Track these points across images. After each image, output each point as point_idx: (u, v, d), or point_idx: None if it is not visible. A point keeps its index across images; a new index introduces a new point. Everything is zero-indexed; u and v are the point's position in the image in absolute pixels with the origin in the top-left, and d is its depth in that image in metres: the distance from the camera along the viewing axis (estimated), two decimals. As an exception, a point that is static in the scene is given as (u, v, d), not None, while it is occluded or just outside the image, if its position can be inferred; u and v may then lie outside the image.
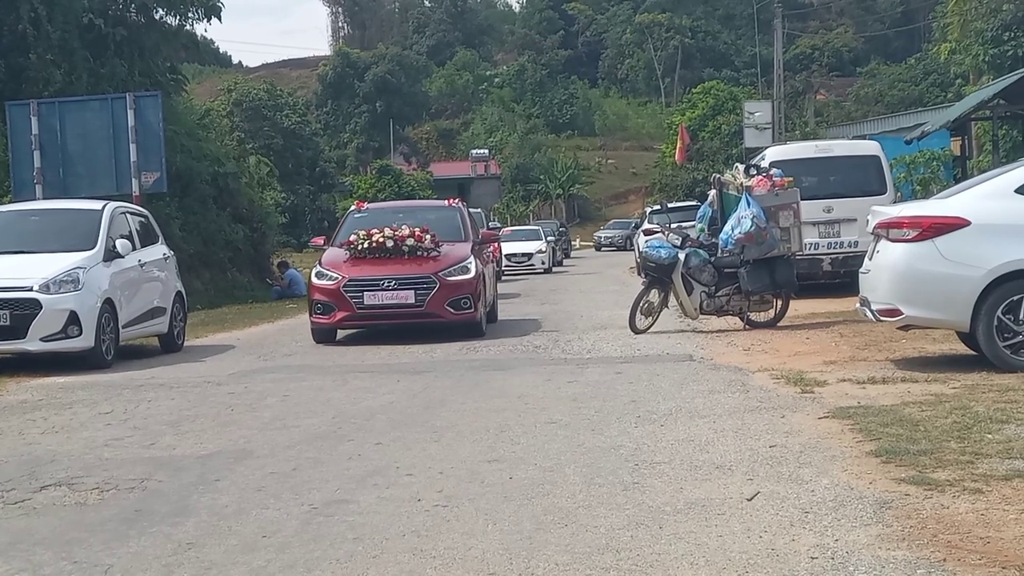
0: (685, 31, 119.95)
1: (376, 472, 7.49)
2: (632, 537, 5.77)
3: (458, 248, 16.48)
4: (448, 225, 17.23)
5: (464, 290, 15.82)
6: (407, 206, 22.19)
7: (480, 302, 16.09)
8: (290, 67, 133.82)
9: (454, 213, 17.94)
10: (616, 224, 74.60)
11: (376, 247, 16.00)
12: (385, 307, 15.66)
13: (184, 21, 33.80)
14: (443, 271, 15.80)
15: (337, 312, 15.74)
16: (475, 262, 16.17)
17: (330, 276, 15.90)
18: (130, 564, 5.73)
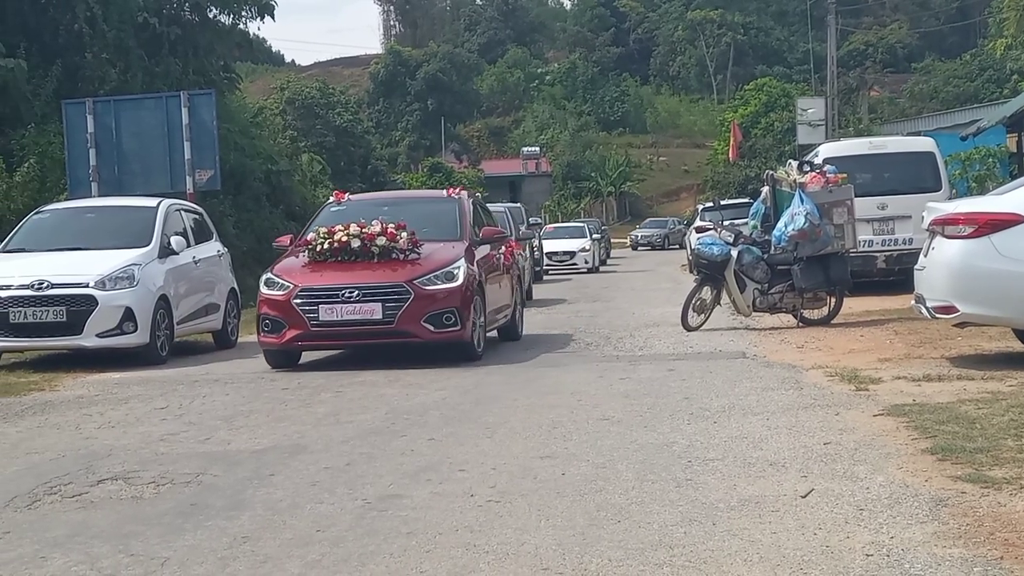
0: (737, 28, 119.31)
1: (429, 467, 7.52)
2: (685, 533, 5.76)
3: (446, 249, 13.27)
4: (443, 220, 14.16)
5: (447, 302, 12.57)
6: (396, 197, 18.46)
7: (470, 317, 12.80)
8: (342, 65, 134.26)
9: (452, 206, 14.53)
10: (653, 223, 71.93)
11: (339, 248, 12.96)
12: (345, 324, 12.54)
13: (238, 20, 34.12)
14: (420, 278, 12.64)
15: (287, 330, 12.60)
16: (465, 266, 12.94)
17: (280, 285, 12.80)
18: (186, 557, 5.78)
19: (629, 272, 37.54)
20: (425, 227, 13.55)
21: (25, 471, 8.04)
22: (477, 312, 13.04)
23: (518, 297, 15.77)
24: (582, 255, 40.02)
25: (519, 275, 16.18)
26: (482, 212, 15.78)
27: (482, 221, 15.24)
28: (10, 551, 6.03)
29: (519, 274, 16.19)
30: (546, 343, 15.08)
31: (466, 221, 14.16)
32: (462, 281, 12.76)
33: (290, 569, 5.50)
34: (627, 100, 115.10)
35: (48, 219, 15.76)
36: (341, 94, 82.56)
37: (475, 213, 14.85)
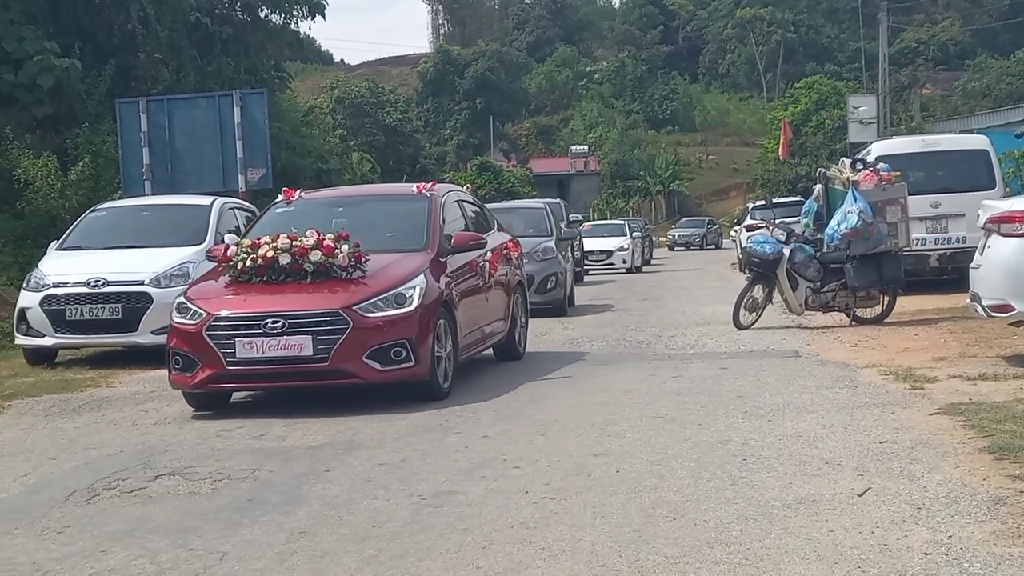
0: (787, 25, 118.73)
1: (483, 464, 7.54)
2: (742, 531, 5.75)
3: (402, 263, 10.59)
4: (407, 224, 11.58)
5: (397, 331, 9.92)
6: (355, 195, 14.32)
7: (429, 348, 10.14)
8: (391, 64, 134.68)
9: (420, 206, 11.71)
10: (690, 222, 69.71)
11: (265, 266, 10.27)
12: (267, 362, 9.85)
13: (289, 19, 34.28)
14: (361, 303, 9.94)
15: (200, 368, 9.99)
16: (425, 284, 10.33)
17: (192, 312, 10.12)
18: (244, 552, 5.84)
19: (677, 271, 37.37)
20: (388, 232, 11.44)
21: (83, 466, 8.14)
22: (443, 340, 10.45)
23: (518, 309, 13.18)
24: (620, 254, 37.88)
25: (520, 281, 13.50)
26: (472, 213, 13.00)
27: (485, 224, 13.13)
28: (71, 545, 6.12)
29: (520, 279, 13.51)
30: (595, 345, 15.05)
31: (435, 225, 11.30)
32: (417, 304, 10.07)
33: (347, 564, 5.54)
34: (676, 98, 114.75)
35: (104, 217, 15.91)
36: (390, 93, 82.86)
37: (459, 214, 12.38)
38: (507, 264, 12.99)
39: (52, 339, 13.90)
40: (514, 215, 21.53)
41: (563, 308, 19.34)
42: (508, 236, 13.75)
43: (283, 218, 11.65)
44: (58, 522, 6.61)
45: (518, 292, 13.25)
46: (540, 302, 18.46)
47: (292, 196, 12.19)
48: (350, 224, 11.00)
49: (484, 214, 13.55)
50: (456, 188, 13.53)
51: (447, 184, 13.76)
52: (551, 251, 19.63)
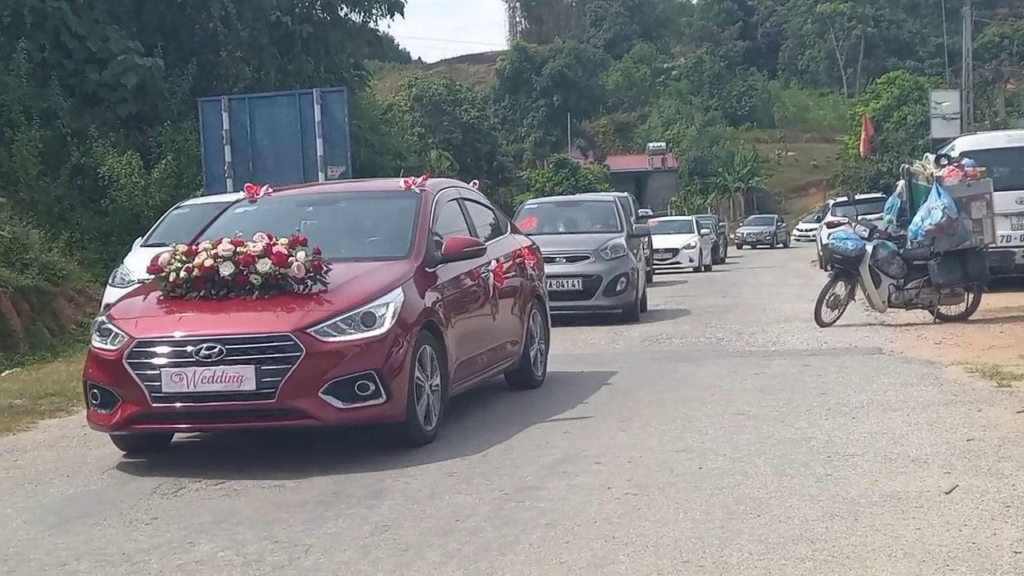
0: (868, 20, 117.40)
1: (565, 460, 7.54)
2: (827, 528, 5.71)
3: (374, 274, 8.59)
4: (391, 227, 9.60)
5: (363, 360, 7.90)
6: (330, 193, 11.66)
7: (405, 380, 8.06)
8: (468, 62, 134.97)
9: (408, 205, 9.64)
10: (758, 220, 66.82)
11: (202, 278, 8.22)
12: (200, 398, 7.77)
13: (368, 18, 34.47)
14: (318, 324, 7.88)
15: (121, 405, 7.95)
16: (401, 301, 8.26)
17: (114, 334, 8.12)
18: (329, 544, 5.88)
19: (757, 268, 37.04)
20: (365, 236, 9.59)
21: (171, 458, 8.26)
22: (427, 369, 8.40)
23: (536, 325, 11.12)
24: (686, 252, 35.52)
25: (539, 293, 11.35)
26: (477, 214, 10.74)
27: (494, 226, 11.11)
28: (158, 536, 6.20)
29: (539, 292, 11.37)
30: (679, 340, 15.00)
31: (422, 228, 9.26)
32: (390, 325, 8.03)
33: (431, 558, 5.57)
34: (754, 94, 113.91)
35: (187, 214, 16.06)
36: (468, 91, 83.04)
37: (458, 215, 10.25)
38: (521, 274, 10.83)
39: (137, 334, 14.05)
40: (579, 209, 20.66)
41: (635, 312, 17.85)
42: (525, 241, 11.61)
43: (242, 220, 9.43)
44: (146, 513, 6.70)
45: (536, 307, 11.12)
46: (608, 306, 17.41)
47: (256, 193, 10.04)
48: (322, 226, 9.54)
49: (493, 215, 11.31)
50: (457, 184, 11.22)
51: (446, 179, 11.55)
52: (621, 248, 17.77)
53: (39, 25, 25.23)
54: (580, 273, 17.25)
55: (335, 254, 8.54)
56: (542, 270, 11.80)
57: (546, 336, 11.46)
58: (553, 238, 17.89)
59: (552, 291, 15.88)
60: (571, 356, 13.13)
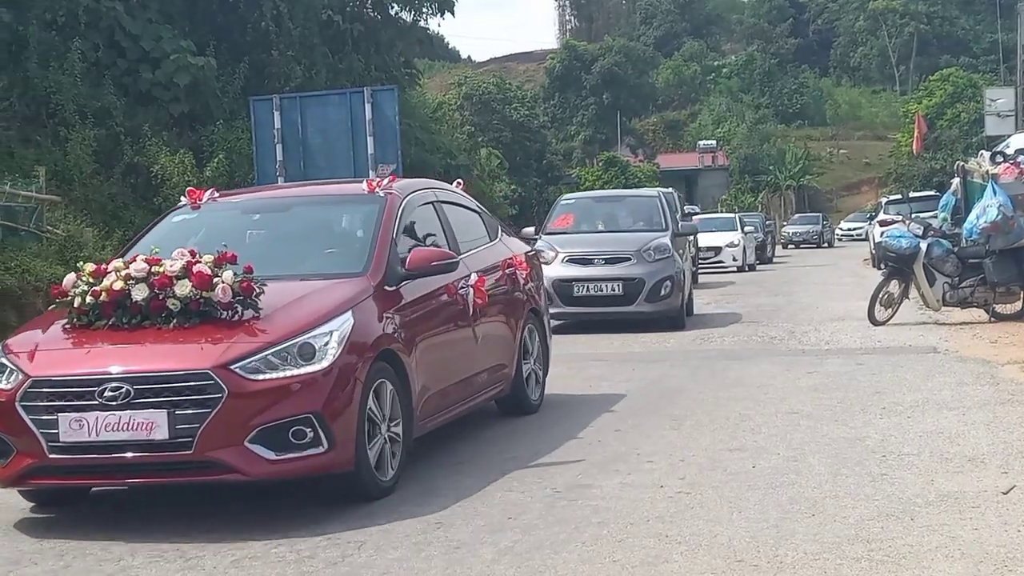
0: (921, 17, 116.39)
1: (617, 458, 7.52)
2: (883, 528, 5.66)
3: (318, 296, 7.16)
4: (345, 238, 8.33)
5: (298, 402, 6.54)
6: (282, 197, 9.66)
7: (351, 424, 6.66)
8: (517, 61, 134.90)
9: (369, 211, 8.19)
10: (803, 219, 65.08)
11: (111, 303, 6.89)
12: (105, 448, 6.43)
13: (418, 16, 34.53)
14: (244, 359, 6.52)
15: (15, 455, 6.60)
16: (350, 327, 6.85)
17: (9, 370, 6.77)
18: (381, 541, 5.89)
19: (808, 267, 36.74)
20: (318, 249, 8.10)
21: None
22: (383, 408, 6.94)
23: (532, 344, 9.74)
24: (729, 251, 33.95)
25: (534, 308, 9.81)
26: (457, 219, 9.17)
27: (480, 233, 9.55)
28: (212, 532, 6.22)
29: (534, 306, 9.81)
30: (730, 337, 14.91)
31: (383, 240, 7.76)
32: (334, 358, 6.61)
33: (483, 555, 5.56)
34: (806, 92, 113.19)
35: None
36: (517, 89, 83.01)
37: (433, 221, 8.75)
38: (511, 286, 9.39)
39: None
40: (620, 205, 19.03)
41: (680, 319, 16.22)
42: (519, 248, 10.11)
43: (180, 229, 8.25)
44: (201, 510, 6.73)
45: (532, 323, 9.72)
46: (651, 312, 15.89)
47: (200, 198, 8.56)
48: (269, 237, 8.32)
49: (481, 219, 9.76)
50: (435, 184, 9.52)
51: (422, 180, 9.68)
52: (665, 249, 16.22)
53: (93, 25, 25.43)
54: (620, 276, 15.93)
55: (280, 271, 7.31)
56: (540, 280, 10.31)
57: (544, 356, 9.95)
58: (591, 237, 17.17)
59: (589, 296, 15.92)
60: (621, 354, 13.09)
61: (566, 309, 15.90)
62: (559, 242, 16.47)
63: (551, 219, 17.83)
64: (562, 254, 16.15)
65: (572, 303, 15.92)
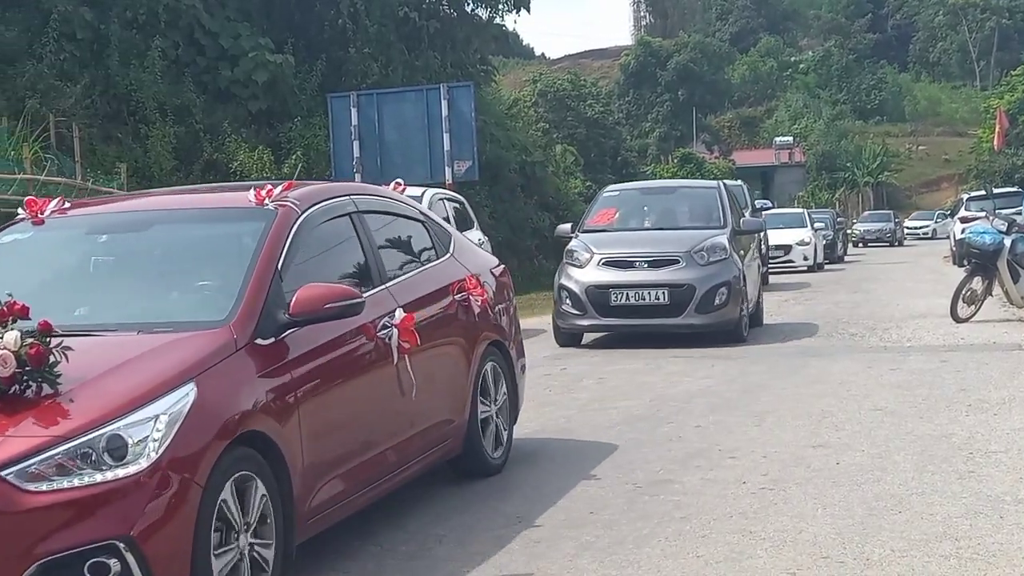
0: (1002, 11, 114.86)
1: (698, 454, 7.46)
2: (971, 526, 5.58)
3: (148, 362, 4.96)
4: (215, 271, 5.86)
5: (97, 526, 4.40)
6: (145, 211, 6.71)
7: (183, 551, 4.57)
8: (592, 57, 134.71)
9: (253, 230, 5.91)
10: (875, 216, 61.94)
11: None
12: None
13: (494, 13, 34.55)
14: (19, 462, 4.39)
15: None
16: (187, 404, 4.76)
17: None
18: (462, 535, 5.89)
19: (886, 264, 36.27)
20: (177, 287, 5.91)
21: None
22: (249, 514, 5.00)
23: (494, 385, 7.48)
24: (800, 250, 31.32)
25: (496, 340, 7.54)
26: (389, 236, 7.01)
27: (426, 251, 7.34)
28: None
29: (497, 338, 7.55)
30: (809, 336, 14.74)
31: (261, 273, 5.61)
32: (159, 455, 4.60)
33: (564, 549, 5.54)
34: (884, 88, 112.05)
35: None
36: (592, 86, 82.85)
37: (351, 241, 6.52)
38: (464, 317, 7.18)
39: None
40: (673, 198, 16.40)
41: (738, 333, 13.85)
42: (479, 265, 7.78)
43: (10, 254, 6.28)
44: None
45: (494, 360, 7.49)
46: (703, 325, 13.54)
47: (42, 210, 6.38)
48: (116, 267, 6.15)
49: (426, 231, 7.44)
50: (356, 189, 7.17)
51: (337, 185, 7.71)
52: (722, 249, 13.89)
53: (173, 23, 25.70)
54: (666, 282, 13.53)
55: (116, 318, 5.41)
56: (508, 301, 8.03)
57: (512, 399, 7.71)
58: (634, 236, 14.78)
59: (629, 306, 13.59)
60: (700, 351, 12.96)
61: (601, 320, 13.83)
62: (596, 241, 14.31)
63: (590, 214, 15.57)
64: (598, 255, 13.97)
65: (608, 314, 13.69)
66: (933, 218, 67.31)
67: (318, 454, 5.43)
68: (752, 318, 14.88)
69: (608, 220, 15.18)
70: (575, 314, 13.86)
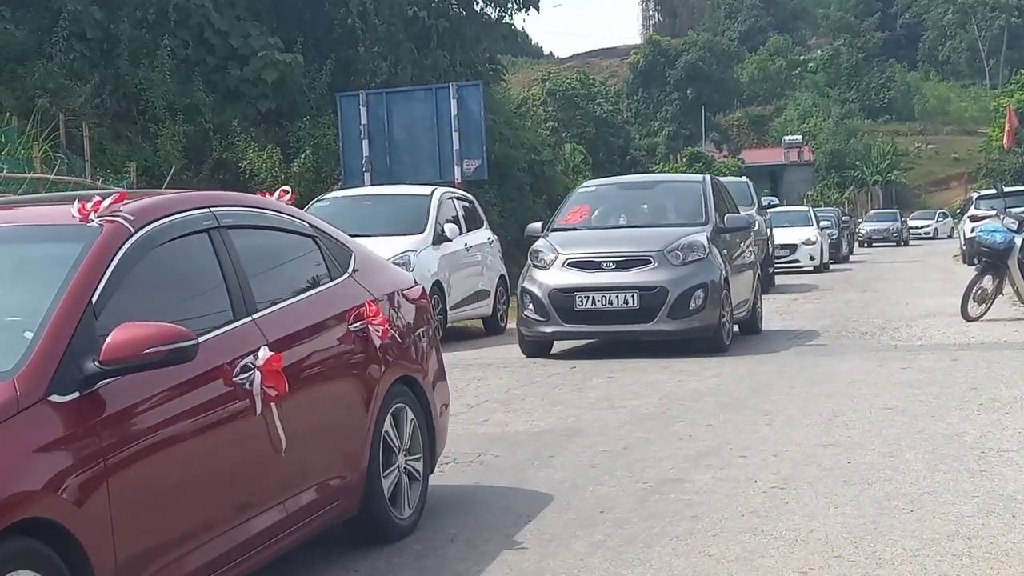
0: (1011, 10, 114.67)
1: (708, 453, 7.45)
2: (983, 525, 5.56)
3: None
4: (19, 307, 4.49)
5: None
6: None
7: None
8: (600, 56, 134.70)
9: (67, 255, 4.53)
10: (880, 216, 61.38)
11: None
12: None
13: (503, 12, 34.57)
14: None
15: None
16: None
17: None
18: (472, 533, 5.89)
19: (895, 263, 36.18)
20: None
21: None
22: None
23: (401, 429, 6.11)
24: (806, 249, 30.22)
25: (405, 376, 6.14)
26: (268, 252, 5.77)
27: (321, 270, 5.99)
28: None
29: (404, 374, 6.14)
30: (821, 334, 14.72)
31: (66, 311, 4.28)
32: None
33: (576, 548, 5.53)
34: (893, 87, 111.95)
35: (328, 207, 16.23)
36: (601, 85, 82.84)
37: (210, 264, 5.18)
38: (360, 350, 5.76)
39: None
40: (653, 193, 15.08)
41: (718, 340, 12.65)
42: (384, 286, 6.28)
43: None
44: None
45: (402, 400, 6.08)
46: (676, 332, 12.46)
47: None
48: None
49: (316, 247, 6.04)
50: (224, 200, 5.57)
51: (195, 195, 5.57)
52: (699, 248, 12.73)
53: (182, 22, 25.76)
54: (635, 284, 12.46)
55: None
56: (424, 327, 6.61)
57: (428, 444, 6.28)
58: (605, 234, 13.65)
59: (595, 311, 12.51)
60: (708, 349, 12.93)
61: (565, 327, 12.68)
62: (563, 241, 13.21)
63: (561, 212, 14.44)
64: (563, 256, 12.85)
65: (573, 319, 12.59)
66: (935, 217, 67.33)
67: (140, 541, 4.20)
68: (746, 324, 14.26)
69: (581, 217, 14.09)
70: (538, 320, 12.73)
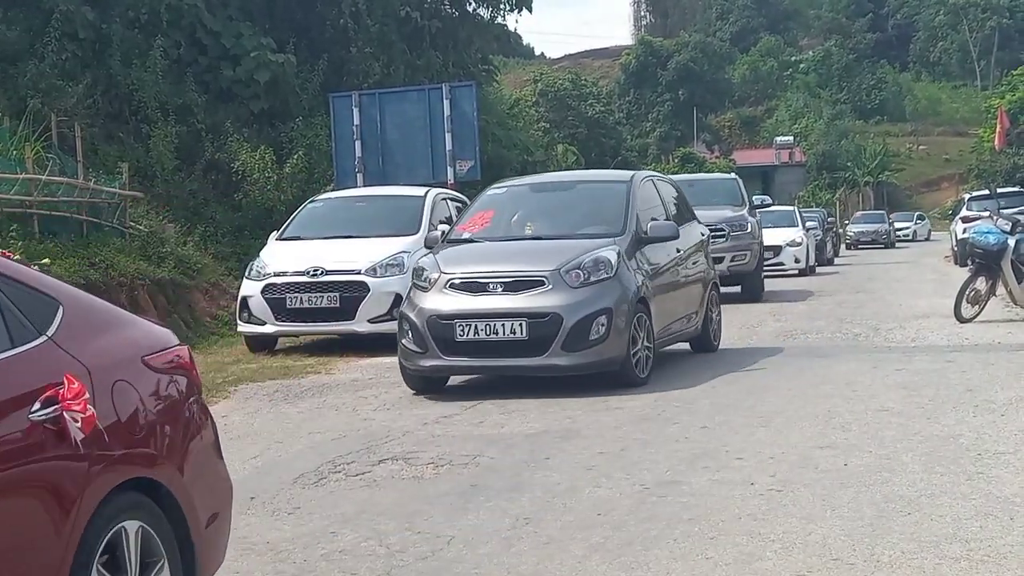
0: (1003, 11, 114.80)
1: (705, 455, 7.44)
2: (981, 527, 5.56)
3: None
4: None
5: None
6: None
7: None
8: (592, 57, 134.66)
9: None
10: (868, 217, 60.54)
11: None
12: None
13: (496, 13, 34.61)
14: None
15: None
16: None
17: None
18: (470, 536, 5.87)
19: (888, 263, 36.18)
20: None
21: (308, 450, 8.32)
22: None
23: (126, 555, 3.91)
24: (791, 251, 28.19)
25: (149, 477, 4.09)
26: None
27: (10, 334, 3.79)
28: (302, 526, 6.24)
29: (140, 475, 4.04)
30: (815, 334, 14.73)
31: None
32: None
33: (574, 551, 5.52)
34: (885, 87, 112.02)
35: (321, 208, 16.26)
36: (593, 85, 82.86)
37: None
38: (52, 452, 3.73)
39: (273, 327, 14.21)
40: (573, 195, 12.93)
41: (628, 375, 10.45)
42: (130, 351, 4.27)
43: None
44: (288, 503, 6.74)
45: (134, 516, 4.00)
46: (569, 366, 10.23)
47: None
48: None
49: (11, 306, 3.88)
50: None
51: None
52: (605, 266, 10.53)
53: (175, 23, 25.72)
54: (524, 310, 10.23)
55: None
56: (181, 405, 4.48)
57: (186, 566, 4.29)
58: (497, 248, 11.35)
59: (478, 342, 10.27)
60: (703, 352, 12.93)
61: (444, 361, 10.40)
62: (450, 257, 11.06)
63: (462, 219, 12.35)
64: (446, 276, 10.62)
65: (453, 351, 10.33)
66: (913, 220, 67.57)
67: None
68: (697, 341, 12.78)
69: (482, 226, 11.86)
70: (416, 352, 10.48)
